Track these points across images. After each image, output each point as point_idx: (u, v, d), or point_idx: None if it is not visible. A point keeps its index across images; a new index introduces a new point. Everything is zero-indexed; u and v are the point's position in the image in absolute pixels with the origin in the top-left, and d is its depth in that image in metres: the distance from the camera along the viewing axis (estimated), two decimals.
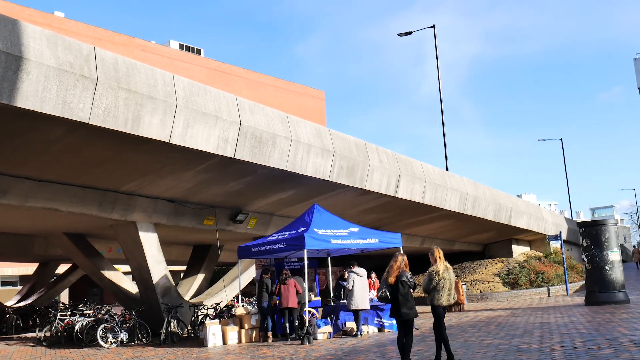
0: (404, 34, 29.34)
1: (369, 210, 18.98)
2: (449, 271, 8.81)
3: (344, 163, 14.99)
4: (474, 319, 16.62)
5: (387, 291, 8.46)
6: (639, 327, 11.71)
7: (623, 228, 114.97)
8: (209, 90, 11.72)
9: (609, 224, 18.34)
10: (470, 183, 22.27)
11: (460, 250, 29.61)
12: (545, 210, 35.01)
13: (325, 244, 13.38)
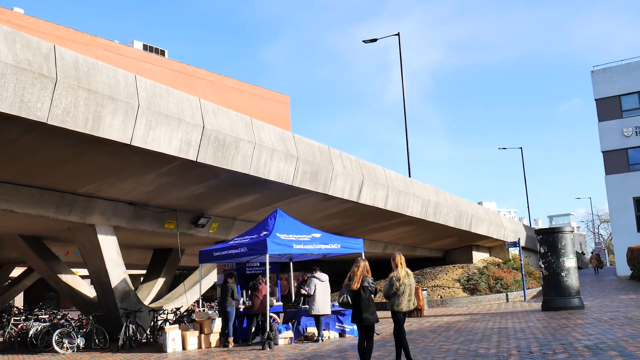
0: (369, 41, 29.58)
1: (332, 216, 19.02)
2: (410, 277, 8.88)
3: (308, 168, 15.00)
4: (434, 324, 16.79)
5: (348, 297, 8.49)
6: (592, 332, 12.00)
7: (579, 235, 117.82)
8: (172, 93, 11.59)
9: (566, 231, 18.78)
10: (432, 190, 22.53)
11: (421, 256, 29.91)
12: (504, 217, 35.65)
13: (288, 249, 13.35)
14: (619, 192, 39.07)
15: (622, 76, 39.90)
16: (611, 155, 39.69)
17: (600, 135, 40.10)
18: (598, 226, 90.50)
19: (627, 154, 39.36)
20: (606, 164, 39.80)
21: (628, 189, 38.84)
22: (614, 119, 39.70)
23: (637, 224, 38.67)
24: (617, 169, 39.41)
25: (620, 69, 40.13)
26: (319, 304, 13.52)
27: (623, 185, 38.91)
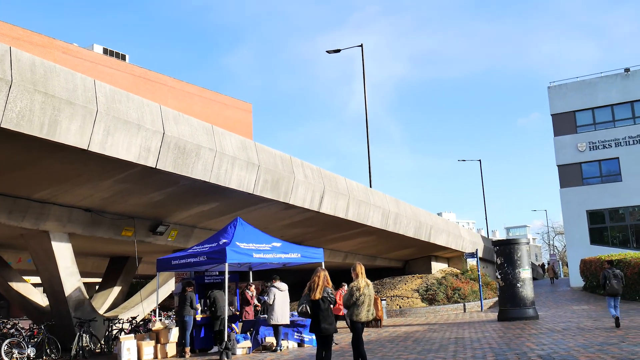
0: (333, 52, 29.75)
1: (293, 225, 18.99)
2: (369, 287, 8.92)
3: (269, 177, 14.96)
4: (393, 334, 16.88)
5: (307, 306, 8.48)
6: (546, 342, 12.25)
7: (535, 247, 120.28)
8: (132, 98, 11.43)
9: (521, 243, 19.16)
10: (392, 200, 22.72)
11: (381, 266, 30.10)
12: (463, 228, 36.17)
13: (247, 258, 13.25)
14: (573, 205, 40.12)
15: (577, 93, 41.09)
16: (566, 169, 40.76)
17: (555, 150, 41.15)
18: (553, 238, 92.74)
19: (581, 168, 40.47)
20: (561, 177, 40.83)
21: (582, 202, 39.92)
22: (569, 134, 40.82)
23: (590, 236, 39.74)
24: (572, 182, 40.47)
25: (575, 86, 41.33)
26: (278, 313, 13.47)
27: (577, 199, 39.97)
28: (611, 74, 40.82)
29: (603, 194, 39.60)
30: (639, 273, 24.73)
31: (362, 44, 29.34)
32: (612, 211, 39.84)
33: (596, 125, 40.49)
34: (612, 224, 39.96)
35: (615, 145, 39.56)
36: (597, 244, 39.10)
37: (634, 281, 25.26)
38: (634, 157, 38.86)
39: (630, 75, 40.01)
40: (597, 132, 40.14)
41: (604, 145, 39.82)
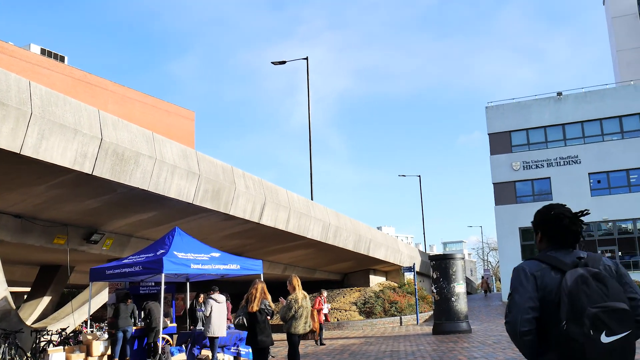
0: (278, 63, 29.81)
1: (233, 236, 18.82)
2: (307, 300, 8.94)
3: (210, 187, 14.79)
4: (330, 347, 16.92)
5: (244, 319, 8.41)
6: (477, 355, 12.55)
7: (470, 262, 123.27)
8: (70, 101, 11.11)
9: (457, 258, 19.62)
10: (333, 213, 22.85)
11: (320, 278, 30.16)
12: (401, 242, 36.71)
13: (185, 269, 13.02)
14: (506, 222, 41.41)
15: (513, 113, 42.59)
16: (501, 187, 42.08)
17: (491, 168, 42.44)
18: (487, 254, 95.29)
19: (515, 187, 41.88)
20: (496, 195, 42.11)
21: (515, 220, 41.26)
22: (505, 153, 42.20)
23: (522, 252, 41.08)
24: (506, 200, 41.81)
25: (511, 107, 42.83)
26: (215, 325, 13.28)
27: (510, 216, 41.29)
28: (545, 97, 42.54)
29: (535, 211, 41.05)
30: None
31: (307, 56, 29.55)
32: None
33: (530, 145, 42.04)
34: None
35: (547, 166, 41.15)
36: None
37: None
38: (564, 178, 40.53)
39: (562, 99, 41.80)
40: (531, 152, 41.67)
41: (536, 165, 41.36)
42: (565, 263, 2.79)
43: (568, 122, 41.47)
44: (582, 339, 2.50)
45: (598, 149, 40.50)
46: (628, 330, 2.53)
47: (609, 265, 2.85)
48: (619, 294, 2.60)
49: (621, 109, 40.53)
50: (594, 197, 40.18)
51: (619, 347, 2.50)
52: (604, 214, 39.91)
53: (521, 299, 2.74)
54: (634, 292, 2.74)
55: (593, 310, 2.51)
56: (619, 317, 2.53)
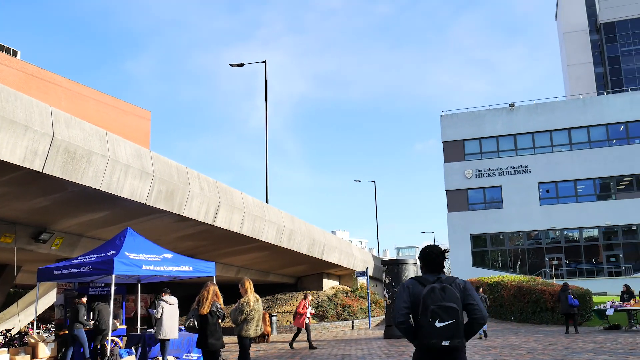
0: (236, 65, 29.74)
1: (186, 237, 18.67)
2: (259, 303, 8.97)
3: (163, 187, 14.67)
4: (281, 350, 16.95)
5: (195, 321, 8.39)
6: None
7: None
8: (21, 97, 10.87)
9: (409, 263, 19.93)
10: (287, 216, 22.91)
11: (274, 281, 30.14)
12: (355, 247, 37.00)
13: (136, 270, 12.86)
14: (458, 229, 42.24)
15: (467, 123, 43.52)
16: (453, 194, 42.89)
17: (445, 175, 43.24)
18: None
19: (467, 194, 42.76)
20: (449, 202, 42.92)
21: (466, 226, 42.13)
22: (458, 161, 43.06)
23: (473, 258, 41.96)
24: (458, 207, 42.64)
25: (465, 116, 43.75)
26: (166, 327, 13.15)
27: (462, 222, 42.14)
28: (498, 108, 43.61)
29: (486, 219, 42.05)
30: (514, 295, 26.39)
31: (265, 60, 29.57)
32: (494, 236, 42.33)
33: (482, 154, 43.02)
34: (493, 248, 42.41)
35: (498, 174, 42.17)
36: (479, 267, 41.35)
37: (509, 302, 26.91)
38: (514, 186, 41.60)
39: (515, 110, 42.93)
40: (483, 161, 42.65)
41: (488, 174, 42.33)
42: (429, 281, 4.36)
43: (519, 133, 42.63)
44: (425, 324, 4.16)
45: (547, 159, 41.74)
46: (453, 320, 4.13)
47: (459, 283, 4.40)
48: (452, 298, 4.18)
49: (570, 121, 41.89)
50: (543, 205, 41.39)
51: (447, 329, 4.11)
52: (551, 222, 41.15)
53: (399, 303, 4.36)
54: (473, 300, 4.33)
55: (432, 307, 4.15)
56: (448, 311, 4.13)
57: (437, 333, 4.13)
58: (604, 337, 16.73)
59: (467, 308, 4.35)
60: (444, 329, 4.13)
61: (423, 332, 4.18)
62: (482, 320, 4.36)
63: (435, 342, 4.13)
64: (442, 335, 4.13)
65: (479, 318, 4.33)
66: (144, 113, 53.36)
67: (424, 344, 4.20)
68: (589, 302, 22.75)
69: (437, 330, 4.13)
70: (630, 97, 41.72)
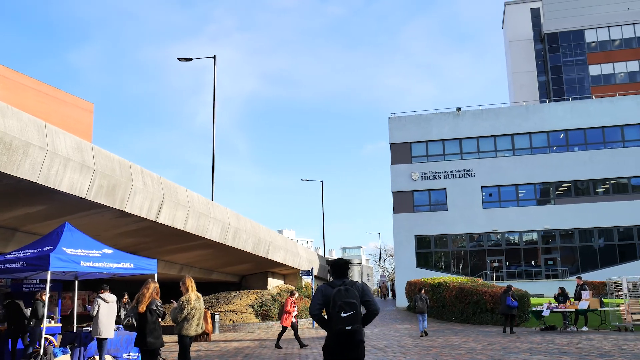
0: (185, 60, 29.25)
1: (128, 234, 18.20)
2: (200, 301, 8.81)
3: (105, 182, 14.24)
4: (223, 349, 16.74)
5: (133, 319, 8.15)
6: (368, 359, 12.85)
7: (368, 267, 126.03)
8: None
9: (354, 263, 20.04)
10: (233, 214, 22.66)
11: (217, 280, 29.78)
12: (301, 246, 36.98)
13: (74, 266, 12.44)
14: (403, 230, 42.78)
15: (414, 126, 44.12)
16: (399, 195, 43.42)
17: (391, 177, 43.71)
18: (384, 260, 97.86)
19: (413, 196, 43.35)
20: (395, 203, 43.40)
21: (411, 228, 42.71)
22: (405, 163, 43.61)
23: (417, 260, 42.56)
24: (404, 208, 43.18)
25: (413, 119, 44.35)
26: (102, 326, 12.79)
27: (407, 224, 42.70)
28: (445, 112, 44.39)
29: (431, 221, 42.74)
30: (456, 296, 26.88)
31: (214, 55, 29.19)
32: (438, 237, 43.06)
33: (429, 157, 43.70)
34: (437, 250, 43.15)
35: (444, 177, 42.92)
36: (423, 268, 41.99)
37: (451, 303, 27.40)
38: (458, 189, 42.43)
39: (461, 115, 43.80)
40: (429, 164, 43.33)
41: (434, 176, 43.03)
42: (337, 284, 5.96)
43: (465, 137, 43.49)
44: (334, 315, 5.77)
45: (491, 164, 42.73)
46: (354, 311, 5.76)
47: (358, 286, 6.03)
48: (353, 296, 5.81)
49: (513, 127, 43.01)
50: (486, 209, 42.34)
51: (349, 318, 5.73)
52: (493, 225, 42.14)
53: (315, 300, 6.02)
54: (369, 297, 6.00)
55: (339, 302, 5.77)
56: (350, 305, 5.76)
57: (342, 321, 5.77)
58: (540, 338, 17.22)
59: (365, 304, 6.01)
60: (347, 318, 5.78)
61: (333, 320, 5.82)
62: (375, 312, 6.04)
63: (341, 327, 5.77)
64: (346, 322, 5.77)
65: (372, 310, 6.02)
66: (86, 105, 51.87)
67: (334, 328, 5.84)
68: (526, 304, 23.39)
69: (343, 318, 5.77)
70: (571, 106, 43.18)
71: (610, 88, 61.86)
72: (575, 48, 67.70)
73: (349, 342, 5.88)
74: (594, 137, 41.92)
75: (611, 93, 52.33)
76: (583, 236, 41.13)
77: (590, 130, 41.99)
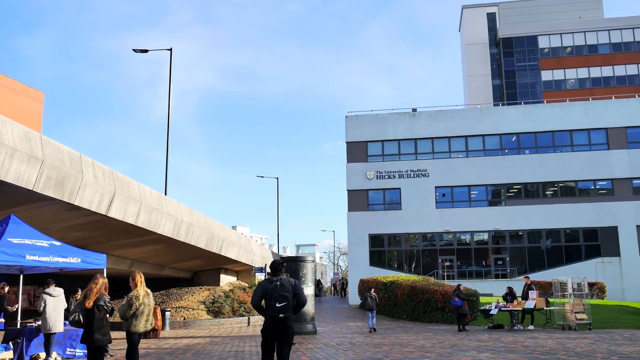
0: (140, 51, 28.70)
1: (77, 227, 17.75)
2: (149, 297, 8.66)
3: (54, 174, 13.84)
4: (173, 346, 16.52)
5: (80, 315, 7.95)
6: (320, 356, 12.89)
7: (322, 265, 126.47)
8: None
9: (307, 260, 20.04)
10: (186, 210, 22.37)
11: (169, 276, 29.36)
12: (255, 243, 36.81)
13: (19, 260, 12.06)
14: (357, 228, 43.06)
15: (371, 125, 44.43)
16: (354, 194, 43.67)
17: (347, 175, 43.92)
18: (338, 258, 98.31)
19: (368, 195, 43.67)
20: (350, 201, 43.64)
21: (365, 226, 43.03)
22: (360, 162, 43.87)
23: (370, 258, 42.91)
24: (358, 207, 43.45)
25: (370, 118, 44.66)
26: (50, 321, 12.46)
27: (361, 222, 43.00)
28: (401, 112, 44.86)
29: (385, 220, 43.16)
30: (408, 294, 27.22)
31: (171, 48, 28.74)
32: (391, 236, 43.51)
33: (384, 156, 44.10)
34: (390, 248, 43.60)
35: (398, 177, 43.39)
36: (376, 266, 42.36)
37: (403, 301, 27.73)
38: (412, 189, 42.96)
39: (416, 116, 44.33)
40: (385, 163, 43.73)
41: (389, 176, 43.45)
42: (274, 280, 7.65)
43: (420, 138, 44.05)
44: (271, 304, 7.51)
45: (445, 164, 43.40)
46: (286, 302, 7.50)
47: (291, 282, 7.77)
48: (286, 290, 7.56)
49: (467, 129, 43.80)
50: (439, 208, 43.00)
51: (282, 307, 7.46)
52: (446, 225, 42.83)
53: (256, 293, 7.70)
54: (299, 292, 7.72)
55: (275, 295, 7.52)
56: (283, 297, 7.50)
57: (277, 309, 7.50)
58: (487, 336, 17.58)
59: (295, 296, 7.74)
60: (281, 307, 7.51)
61: (269, 309, 7.54)
62: (302, 303, 7.78)
63: (276, 314, 7.51)
64: (279, 310, 7.50)
65: (301, 302, 7.76)
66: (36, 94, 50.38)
67: (270, 315, 7.56)
68: (476, 303, 23.86)
69: (277, 308, 7.50)
70: (523, 110, 44.23)
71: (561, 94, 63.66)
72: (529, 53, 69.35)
73: (281, 327, 7.53)
74: (544, 141, 43.06)
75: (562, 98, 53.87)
76: (532, 237, 42.21)
77: (540, 134, 43.12)
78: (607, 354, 12.15)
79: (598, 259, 40.79)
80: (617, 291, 38.69)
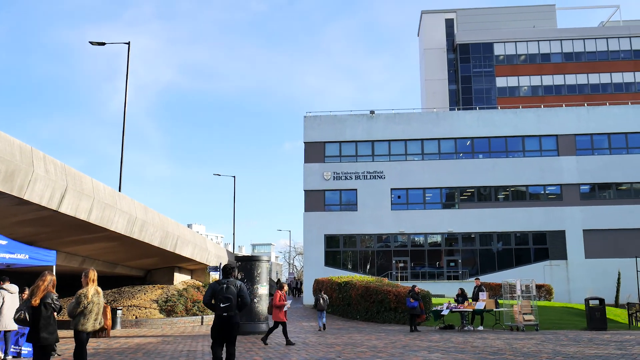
0: (97, 44, 28.12)
1: (26, 223, 17.28)
2: (99, 296, 8.52)
3: (3, 167, 13.46)
4: (124, 345, 16.27)
5: (26, 313, 7.77)
6: (272, 356, 12.92)
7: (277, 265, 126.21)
8: None
9: (262, 260, 20.02)
10: (140, 207, 22.04)
11: (121, 274, 28.86)
12: (210, 241, 36.50)
13: None
14: (313, 229, 43.17)
15: (329, 126, 44.62)
16: (311, 194, 43.78)
17: (304, 175, 44.00)
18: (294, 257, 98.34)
19: (324, 195, 43.83)
20: (306, 202, 43.72)
21: (321, 226, 43.18)
22: (318, 163, 44.01)
23: (325, 258, 43.08)
24: (315, 207, 43.58)
25: (328, 119, 44.85)
26: (7, 318, 12.18)
27: (318, 223, 43.13)
28: (359, 114, 45.18)
29: (341, 220, 43.39)
30: (362, 294, 27.44)
31: (129, 41, 28.26)
32: (347, 237, 43.78)
33: (342, 157, 44.34)
34: (345, 249, 43.86)
35: (355, 178, 43.70)
36: (331, 266, 42.56)
37: (357, 302, 27.95)
38: (369, 190, 43.33)
39: (374, 118, 44.73)
40: (342, 164, 43.97)
41: (346, 177, 43.71)
42: (222, 282, 9.00)
43: (377, 140, 44.46)
44: (217, 305, 8.87)
45: (401, 167, 43.93)
46: (230, 302, 8.83)
47: (237, 284, 9.05)
48: (232, 292, 8.89)
49: (424, 132, 44.44)
50: (394, 210, 43.50)
51: (227, 307, 8.81)
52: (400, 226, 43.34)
53: (207, 294, 9.06)
54: (243, 293, 8.98)
55: (220, 296, 8.85)
56: (227, 299, 8.82)
57: (222, 309, 8.76)
58: (438, 336, 17.89)
59: (240, 297, 8.88)
60: (225, 307, 8.75)
61: (216, 308, 8.78)
62: (244, 304, 8.95)
63: (220, 313, 8.77)
64: (224, 310, 8.77)
65: (243, 302, 8.92)
66: None
67: (217, 314, 8.83)
68: (428, 304, 24.23)
69: (222, 307, 8.76)
70: (478, 115, 45.13)
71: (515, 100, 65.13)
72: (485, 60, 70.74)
73: (227, 323, 8.82)
74: (497, 146, 44.05)
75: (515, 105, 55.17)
76: (483, 240, 43.12)
77: (494, 139, 44.08)
78: (552, 354, 12.54)
79: (546, 261, 41.95)
80: (564, 293, 39.88)
